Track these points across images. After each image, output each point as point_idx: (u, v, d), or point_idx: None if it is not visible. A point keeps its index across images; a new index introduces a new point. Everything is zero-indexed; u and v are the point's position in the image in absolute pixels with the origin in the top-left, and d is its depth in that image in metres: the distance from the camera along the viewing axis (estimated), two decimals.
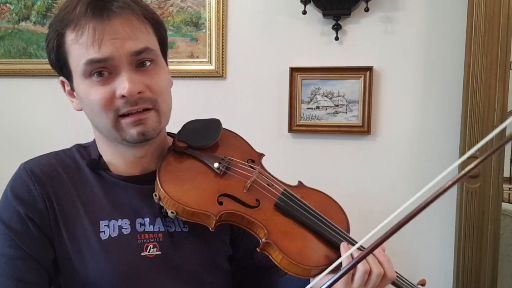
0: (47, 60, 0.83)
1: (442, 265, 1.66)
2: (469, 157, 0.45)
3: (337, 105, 1.67)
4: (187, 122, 0.91)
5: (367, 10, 1.59)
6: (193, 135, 0.88)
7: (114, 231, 0.81)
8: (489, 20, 1.49)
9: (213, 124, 0.92)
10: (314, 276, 0.77)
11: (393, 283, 0.80)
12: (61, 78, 0.84)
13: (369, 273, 0.73)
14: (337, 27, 1.63)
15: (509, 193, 2.23)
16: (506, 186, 1.98)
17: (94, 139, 0.91)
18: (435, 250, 1.66)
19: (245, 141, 0.96)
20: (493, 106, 1.52)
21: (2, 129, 1.96)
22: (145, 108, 0.78)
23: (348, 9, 1.61)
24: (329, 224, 0.82)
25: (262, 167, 0.91)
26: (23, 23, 1.90)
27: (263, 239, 0.77)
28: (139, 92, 0.76)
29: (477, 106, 1.52)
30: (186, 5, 1.76)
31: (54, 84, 1.89)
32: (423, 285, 0.85)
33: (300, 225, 0.81)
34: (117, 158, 0.86)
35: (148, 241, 0.81)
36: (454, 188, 1.61)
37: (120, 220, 0.82)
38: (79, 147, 0.90)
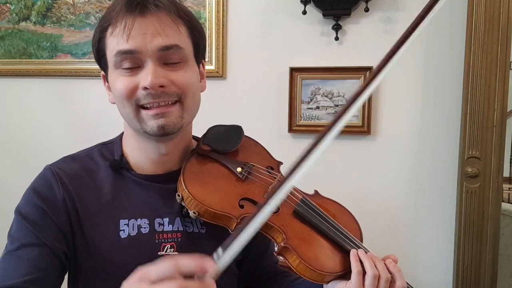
0: (47, 60, 0.85)
1: (442, 265, 1.66)
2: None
3: (337, 105, 1.67)
4: (211, 127, 0.93)
5: (367, 10, 1.59)
6: (217, 139, 0.91)
7: (133, 230, 0.83)
8: (489, 20, 1.49)
9: (236, 130, 0.94)
10: (328, 282, 0.80)
11: None
12: (102, 72, 0.88)
13: (378, 278, 0.77)
14: (337, 27, 1.64)
15: (509, 193, 2.23)
16: (506, 186, 1.98)
17: (120, 135, 0.93)
18: (435, 250, 1.67)
19: (265, 149, 0.98)
20: (493, 106, 1.52)
21: (2, 129, 1.95)
22: (169, 102, 0.80)
23: (348, 9, 1.61)
24: (344, 233, 0.84)
25: (282, 175, 0.92)
26: (23, 23, 1.89)
27: (281, 244, 0.79)
28: (161, 86, 0.77)
29: (477, 106, 1.52)
30: (186, 5, 1.76)
31: (54, 84, 1.92)
32: None
33: (317, 232, 0.84)
34: (142, 155, 0.88)
35: (165, 241, 0.84)
36: (454, 188, 1.61)
37: (139, 219, 0.84)
38: (101, 147, 0.92)
